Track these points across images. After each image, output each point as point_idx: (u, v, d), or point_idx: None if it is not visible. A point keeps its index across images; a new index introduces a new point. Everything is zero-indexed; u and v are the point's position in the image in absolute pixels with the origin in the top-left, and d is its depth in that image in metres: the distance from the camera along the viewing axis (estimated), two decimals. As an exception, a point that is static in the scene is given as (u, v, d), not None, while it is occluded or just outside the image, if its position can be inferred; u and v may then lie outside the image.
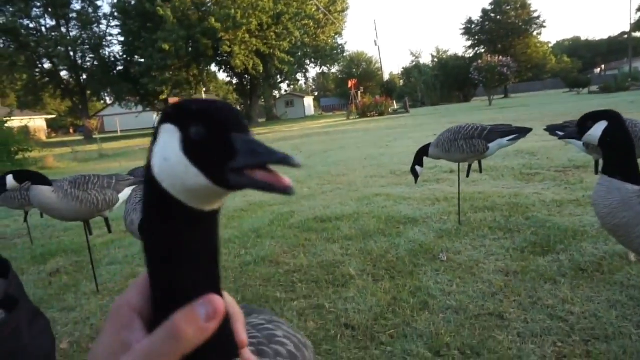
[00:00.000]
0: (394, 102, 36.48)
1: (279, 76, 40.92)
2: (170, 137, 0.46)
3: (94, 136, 32.77)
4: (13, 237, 5.30)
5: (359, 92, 37.21)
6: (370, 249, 3.43)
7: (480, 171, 4.58)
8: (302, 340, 0.73)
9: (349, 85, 37.67)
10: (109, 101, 49.66)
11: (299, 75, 46.19)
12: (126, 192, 3.18)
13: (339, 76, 68.74)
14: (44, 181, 2.75)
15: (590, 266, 2.69)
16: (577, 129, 1.57)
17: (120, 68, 39.92)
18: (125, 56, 39.22)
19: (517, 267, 2.80)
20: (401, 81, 59.32)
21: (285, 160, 0.43)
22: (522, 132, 3.52)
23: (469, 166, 3.87)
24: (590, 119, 1.52)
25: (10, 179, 2.68)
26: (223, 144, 0.45)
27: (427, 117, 22.17)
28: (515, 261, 2.90)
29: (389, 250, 3.36)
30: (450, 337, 2.10)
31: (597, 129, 1.49)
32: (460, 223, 3.82)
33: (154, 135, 0.48)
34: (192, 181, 0.45)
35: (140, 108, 43.55)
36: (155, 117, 51.05)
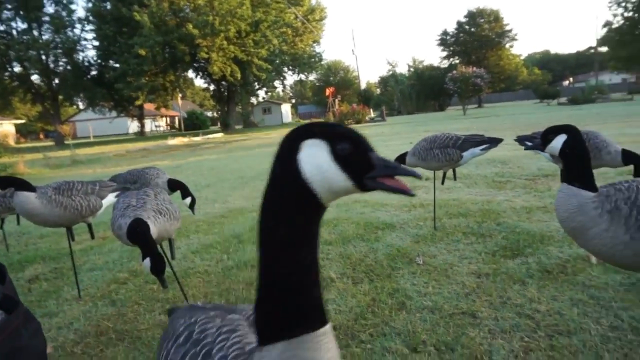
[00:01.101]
0: (371, 110, 36.97)
1: (256, 83, 40.88)
2: (319, 150, 0.67)
3: (66, 142, 31.90)
4: (-14, 245, 5.19)
5: (337, 100, 37.57)
6: (350, 253, 3.55)
7: (455, 179, 4.76)
8: None
9: (327, 93, 38.02)
10: (81, 106, 48.67)
11: (277, 83, 46.22)
12: (109, 198, 3.20)
13: (317, 84, 69.16)
14: (28, 187, 2.76)
15: (556, 268, 2.87)
16: (541, 141, 1.73)
17: (94, 73, 39.23)
18: (99, 61, 38.58)
19: (488, 270, 2.96)
20: (378, 90, 60.16)
21: (410, 173, 0.68)
22: (494, 142, 3.72)
23: (444, 174, 4.04)
24: (552, 132, 1.68)
25: (-7, 185, 2.68)
26: (364, 159, 0.67)
27: (403, 126, 22.57)
28: (487, 264, 3.06)
29: (367, 254, 3.49)
30: (426, 334, 2.23)
31: (558, 142, 1.65)
32: (436, 228, 3.98)
33: (293, 148, 0.69)
34: (340, 183, 0.67)
35: (114, 114, 42.78)
36: (130, 122, 50.23)
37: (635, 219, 1.43)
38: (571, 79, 65.04)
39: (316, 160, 0.66)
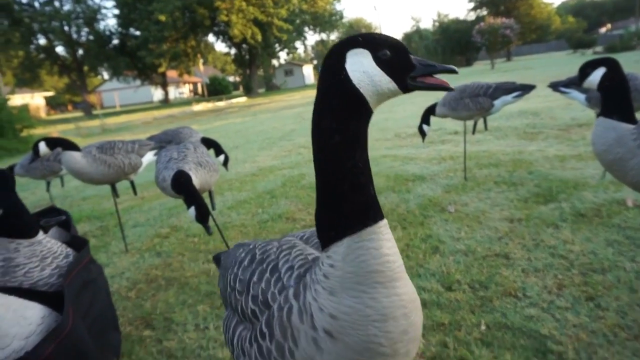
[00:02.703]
0: (395, 68, 35.98)
1: (277, 45, 40.27)
2: (364, 57, 0.73)
3: (94, 112, 32.51)
4: (33, 208, 5.50)
5: (359, 59, 36.67)
6: (382, 203, 3.59)
7: (486, 128, 4.71)
8: None
9: (349, 52, 37.08)
10: (106, 76, 49.27)
11: (298, 43, 45.47)
12: (148, 157, 3.34)
13: (338, 43, 67.55)
14: (74, 147, 2.91)
15: (590, 212, 2.87)
16: (578, 75, 1.71)
17: (116, 42, 39.44)
18: (120, 29, 38.64)
19: (521, 215, 2.98)
20: (402, 47, 58.22)
21: (447, 68, 0.73)
22: (526, 89, 3.63)
23: (475, 123, 4.00)
24: (590, 66, 1.66)
25: (42, 146, 2.84)
26: (405, 61, 0.73)
27: (429, 83, 21.98)
28: (519, 210, 3.08)
29: (399, 204, 3.55)
30: (460, 274, 2.30)
31: (597, 75, 1.62)
32: (466, 179, 3.99)
33: (340, 58, 0.75)
34: (385, 86, 0.73)
35: (138, 82, 43.25)
36: (154, 90, 50.69)
37: (676, 147, 1.42)
38: (609, 25, 61.23)
39: (362, 67, 0.73)
